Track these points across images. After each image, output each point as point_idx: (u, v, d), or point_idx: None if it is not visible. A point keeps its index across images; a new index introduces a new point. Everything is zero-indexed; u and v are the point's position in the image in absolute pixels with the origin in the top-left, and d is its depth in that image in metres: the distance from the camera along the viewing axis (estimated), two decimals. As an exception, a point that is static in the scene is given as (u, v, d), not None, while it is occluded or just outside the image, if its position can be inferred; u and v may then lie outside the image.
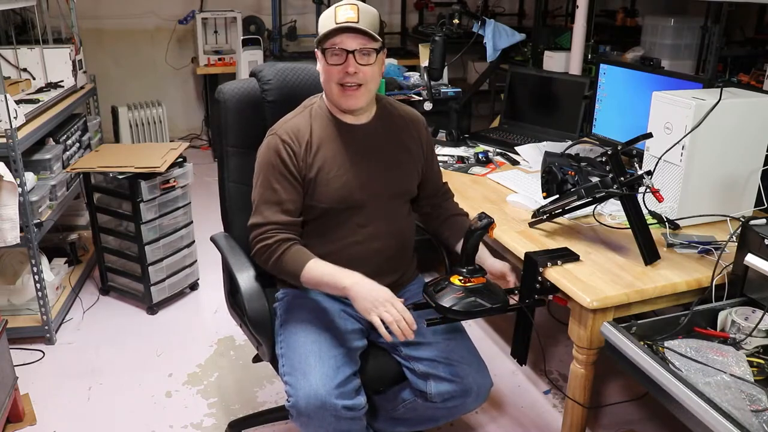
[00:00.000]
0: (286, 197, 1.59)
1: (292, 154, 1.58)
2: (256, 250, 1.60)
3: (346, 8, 1.51)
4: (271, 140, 1.61)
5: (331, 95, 1.60)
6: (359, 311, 1.47)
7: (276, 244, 1.57)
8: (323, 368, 1.48)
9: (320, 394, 1.44)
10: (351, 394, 1.49)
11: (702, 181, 1.79)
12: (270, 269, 1.61)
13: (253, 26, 4.90)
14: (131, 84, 4.96)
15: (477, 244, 1.55)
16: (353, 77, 1.53)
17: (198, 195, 3.27)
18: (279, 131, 1.61)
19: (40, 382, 2.34)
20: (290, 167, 1.58)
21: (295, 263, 1.55)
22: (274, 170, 1.59)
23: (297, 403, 1.45)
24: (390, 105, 1.74)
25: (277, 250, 1.56)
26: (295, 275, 1.55)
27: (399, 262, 1.74)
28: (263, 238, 1.58)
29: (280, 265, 1.57)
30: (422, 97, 2.76)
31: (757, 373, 1.30)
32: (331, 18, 1.52)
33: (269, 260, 1.58)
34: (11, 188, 2.20)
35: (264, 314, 1.61)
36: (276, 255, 1.56)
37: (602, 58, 3.22)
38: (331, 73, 1.55)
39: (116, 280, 2.89)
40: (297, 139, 1.59)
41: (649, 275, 1.57)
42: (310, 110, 1.66)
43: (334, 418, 1.45)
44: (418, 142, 1.74)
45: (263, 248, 1.58)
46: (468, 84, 4.95)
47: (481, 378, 1.62)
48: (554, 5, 5.22)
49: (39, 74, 3.06)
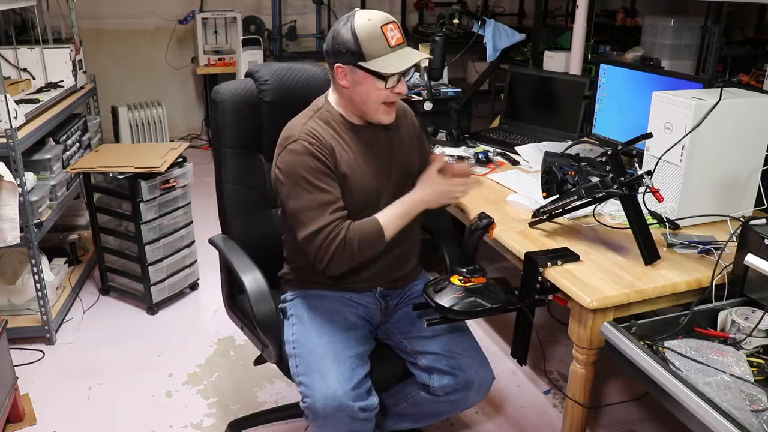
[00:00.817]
0: (336, 195, 1.55)
1: (324, 154, 1.55)
2: (334, 252, 1.51)
3: (392, 27, 1.52)
4: (296, 146, 1.54)
5: (371, 113, 1.59)
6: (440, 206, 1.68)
7: (346, 234, 1.52)
8: (340, 369, 1.49)
9: (338, 395, 1.45)
10: (364, 395, 1.50)
11: (702, 181, 1.79)
12: (357, 258, 1.55)
13: (253, 26, 4.91)
14: (131, 84, 4.96)
15: (477, 244, 1.55)
16: (398, 95, 1.57)
17: (198, 195, 3.26)
18: (301, 135, 1.55)
19: (40, 382, 2.34)
20: (328, 164, 1.55)
21: (371, 228, 1.55)
22: (315, 171, 1.53)
23: (314, 405, 1.46)
24: None
25: (351, 234, 1.52)
26: (380, 237, 1.55)
27: (408, 256, 1.77)
28: (333, 237, 1.51)
29: (364, 243, 1.53)
30: (422, 97, 2.75)
31: (757, 373, 1.30)
32: (382, 39, 1.50)
33: (353, 248, 1.52)
34: (11, 188, 2.20)
35: (272, 316, 1.60)
36: (356, 239, 1.52)
37: (602, 58, 3.22)
38: (381, 94, 1.55)
39: (116, 280, 2.89)
40: (320, 141, 1.56)
41: (649, 275, 1.57)
42: (319, 114, 1.63)
43: (350, 419, 1.46)
44: (412, 130, 1.77)
45: (340, 244, 1.51)
46: (468, 84, 4.94)
47: (482, 371, 1.64)
48: (554, 5, 5.22)
49: (39, 74, 3.06)
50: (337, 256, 1.52)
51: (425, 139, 1.86)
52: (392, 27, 1.51)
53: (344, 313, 1.66)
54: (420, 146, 1.79)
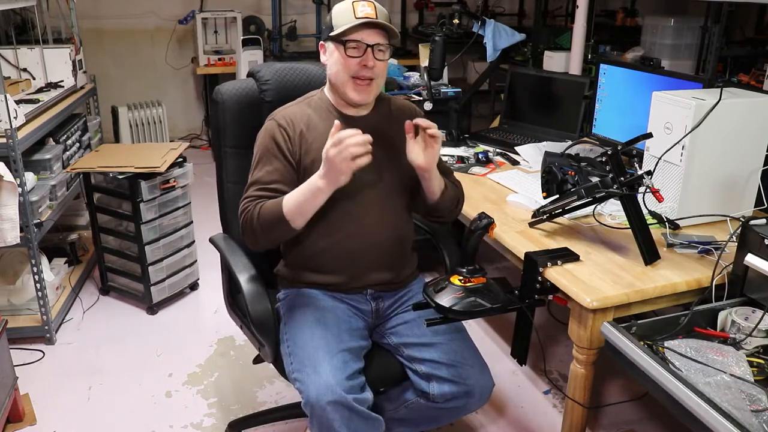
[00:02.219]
0: (275, 177, 1.60)
1: (287, 137, 1.62)
2: (242, 226, 1.59)
3: (365, 5, 1.57)
4: (268, 125, 1.65)
5: (341, 87, 1.62)
6: (340, 183, 1.47)
7: (252, 208, 1.56)
8: (333, 361, 1.49)
9: (331, 384, 1.44)
10: (358, 389, 1.49)
11: (702, 181, 1.79)
12: (260, 235, 1.57)
13: (253, 26, 4.91)
14: (131, 84, 4.96)
15: (477, 244, 1.55)
16: (369, 71, 1.57)
17: (198, 195, 3.27)
18: (276, 116, 1.66)
19: (40, 382, 2.34)
20: (284, 149, 1.61)
21: (273, 206, 1.55)
22: (268, 152, 1.62)
23: (309, 398, 1.45)
24: (387, 98, 1.78)
25: (254, 210, 1.55)
26: (280, 217, 1.52)
27: (396, 257, 1.74)
28: (242, 211, 1.58)
29: (263, 220, 1.54)
30: (422, 97, 2.76)
31: (757, 373, 1.30)
32: (350, 12, 1.56)
33: (253, 224, 1.55)
34: (11, 188, 2.20)
35: (267, 315, 1.60)
36: (256, 215, 1.55)
37: (602, 58, 3.22)
38: (348, 65, 1.58)
39: (116, 280, 2.89)
40: (292, 124, 1.63)
41: (649, 275, 1.57)
42: (309, 101, 1.70)
43: (347, 411, 1.44)
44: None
45: (245, 219, 1.57)
46: (468, 84, 4.95)
47: (483, 379, 1.62)
48: (554, 5, 5.22)
49: (39, 74, 3.06)
50: (244, 230, 1.59)
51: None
52: (365, 4, 1.57)
53: (336, 310, 1.65)
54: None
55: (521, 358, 1.73)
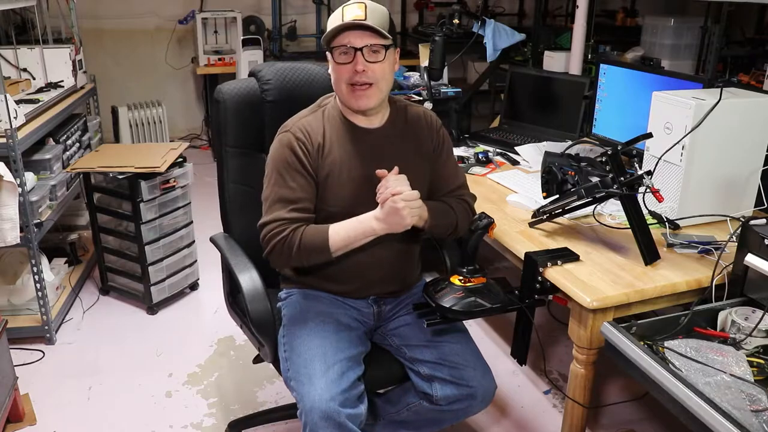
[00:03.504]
0: (301, 195, 1.55)
1: (306, 151, 1.56)
2: (273, 247, 1.53)
3: (353, 7, 1.50)
4: (284, 137, 1.58)
5: (341, 96, 1.58)
6: (399, 231, 1.51)
7: (291, 233, 1.52)
8: (328, 373, 1.47)
9: (324, 399, 1.42)
10: (354, 401, 1.47)
11: (702, 181, 1.79)
12: (295, 260, 1.55)
13: (253, 26, 4.90)
14: (131, 84, 4.96)
15: (477, 244, 1.55)
16: (362, 76, 1.50)
17: (198, 195, 3.26)
18: (292, 128, 1.58)
19: (40, 382, 2.34)
20: (305, 163, 1.55)
21: (318, 236, 1.52)
22: (289, 167, 1.55)
23: (304, 408, 1.44)
24: (404, 107, 1.70)
25: (295, 236, 1.52)
26: (324, 248, 1.52)
27: (403, 270, 1.73)
28: (277, 233, 1.52)
29: (304, 248, 1.52)
30: (422, 97, 2.75)
31: (757, 373, 1.30)
32: (339, 17, 1.51)
33: (291, 250, 1.52)
34: (11, 188, 2.21)
35: (267, 315, 1.60)
36: (296, 241, 1.51)
37: (602, 58, 3.22)
38: (341, 73, 1.53)
39: (116, 280, 2.89)
40: (310, 137, 1.57)
41: (649, 275, 1.57)
42: (323, 111, 1.63)
43: (338, 427, 1.42)
44: (430, 144, 1.69)
45: (280, 241, 1.52)
46: (468, 84, 4.94)
47: (486, 382, 1.61)
48: (554, 5, 5.22)
49: (39, 74, 3.06)
50: (276, 252, 1.54)
51: (451, 155, 1.74)
52: (355, 7, 1.50)
53: (336, 315, 1.63)
54: (436, 161, 1.69)
55: (521, 358, 1.73)
